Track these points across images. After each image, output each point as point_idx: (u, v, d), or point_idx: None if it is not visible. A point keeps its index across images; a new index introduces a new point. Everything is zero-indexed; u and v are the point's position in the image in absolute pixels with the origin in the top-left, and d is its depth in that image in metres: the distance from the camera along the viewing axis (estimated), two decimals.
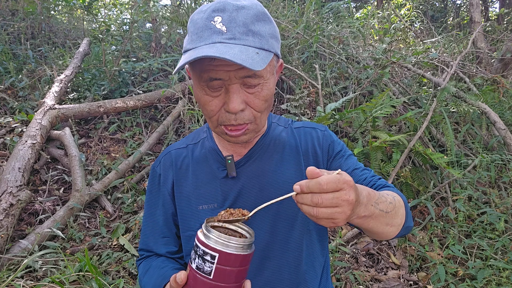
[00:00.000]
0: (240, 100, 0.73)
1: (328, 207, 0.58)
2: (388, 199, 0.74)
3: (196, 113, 3.04)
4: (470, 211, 2.49)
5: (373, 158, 2.60)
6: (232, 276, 0.62)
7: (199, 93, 0.77)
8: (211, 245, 0.61)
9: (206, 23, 0.70)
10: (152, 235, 0.94)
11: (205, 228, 0.64)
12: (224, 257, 0.61)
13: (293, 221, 0.88)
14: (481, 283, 1.99)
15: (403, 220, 0.78)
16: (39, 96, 3.68)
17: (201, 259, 0.62)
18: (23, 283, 1.79)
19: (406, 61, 3.62)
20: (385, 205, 0.72)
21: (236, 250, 0.62)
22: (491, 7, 9.35)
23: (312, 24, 4.01)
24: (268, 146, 0.91)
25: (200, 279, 0.63)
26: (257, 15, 0.72)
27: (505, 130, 3.04)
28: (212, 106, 0.76)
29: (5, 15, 4.84)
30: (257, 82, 0.74)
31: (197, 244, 0.64)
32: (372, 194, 0.70)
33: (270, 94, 0.77)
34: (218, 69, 0.70)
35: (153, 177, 0.96)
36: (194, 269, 0.64)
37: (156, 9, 4.58)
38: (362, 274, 2.15)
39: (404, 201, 0.81)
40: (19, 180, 2.49)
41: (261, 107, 0.77)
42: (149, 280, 0.86)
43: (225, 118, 0.76)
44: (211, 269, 0.61)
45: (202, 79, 0.73)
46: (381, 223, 0.72)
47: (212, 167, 0.90)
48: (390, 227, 0.75)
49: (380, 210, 0.70)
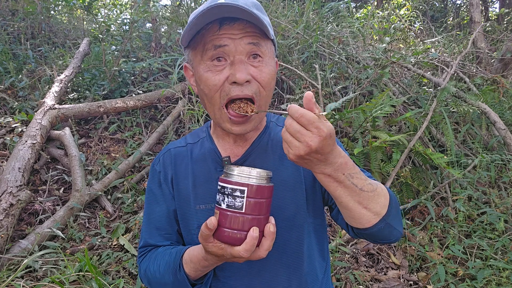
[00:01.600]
0: (246, 71, 0.74)
1: (290, 135, 0.62)
2: (369, 181, 0.71)
3: (196, 113, 3.04)
4: (470, 211, 2.49)
5: (373, 158, 2.60)
6: (261, 207, 0.68)
7: (202, 73, 0.77)
8: (238, 181, 0.67)
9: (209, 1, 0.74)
10: (152, 234, 0.93)
11: (228, 169, 0.70)
12: (253, 190, 0.67)
13: (291, 223, 0.87)
14: (481, 283, 1.99)
15: (383, 210, 0.72)
16: (39, 96, 3.67)
17: (231, 196, 0.67)
18: (23, 283, 1.79)
19: (406, 61, 3.61)
20: (362, 182, 0.69)
21: (260, 181, 0.68)
22: (491, 7, 9.35)
23: (312, 24, 4.01)
24: (266, 146, 0.91)
25: (232, 216, 0.67)
26: (256, 5, 0.76)
27: (505, 130, 3.04)
28: (215, 80, 0.76)
29: (5, 15, 4.84)
30: (260, 54, 0.76)
31: (223, 186, 0.69)
32: (351, 167, 0.68)
33: (272, 76, 0.79)
34: (223, 36, 0.72)
35: (153, 175, 0.96)
36: (224, 209, 0.68)
37: (156, 9, 4.58)
38: (362, 274, 2.15)
39: (393, 199, 0.77)
40: (19, 180, 2.48)
41: (266, 81, 0.78)
42: (159, 264, 0.85)
43: (230, 90, 0.76)
44: (241, 203, 0.67)
45: (206, 54, 0.75)
46: (352, 199, 0.69)
47: (209, 167, 0.90)
48: (364, 209, 0.70)
49: (353, 184, 0.68)
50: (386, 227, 0.74)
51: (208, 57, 0.75)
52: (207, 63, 0.76)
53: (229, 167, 0.70)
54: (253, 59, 0.76)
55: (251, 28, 0.74)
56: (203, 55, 0.76)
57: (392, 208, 0.75)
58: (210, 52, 0.74)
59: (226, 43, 0.73)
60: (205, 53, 0.75)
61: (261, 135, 0.91)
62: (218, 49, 0.73)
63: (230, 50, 0.74)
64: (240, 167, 0.71)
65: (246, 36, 0.73)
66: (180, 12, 4.64)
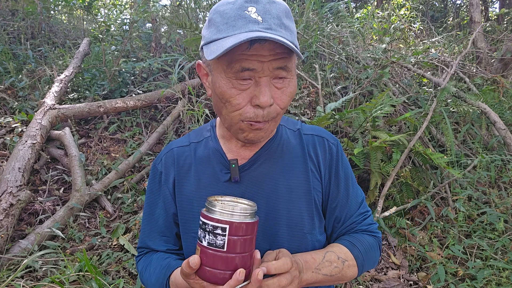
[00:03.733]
0: (270, 94, 0.71)
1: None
2: (334, 263, 0.82)
3: (196, 113, 3.04)
4: (470, 211, 2.49)
5: (373, 158, 2.60)
6: (243, 245, 0.65)
7: (224, 86, 0.73)
8: (220, 218, 0.64)
9: (239, 13, 0.69)
10: (151, 234, 0.92)
11: (210, 204, 0.66)
12: (234, 227, 0.64)
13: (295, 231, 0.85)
14: (481, 283, 1.99)
15: (355, 274, 0.85)
16: (39, 96, 3.68)
17: (212, 234, 0.64)
18: (23, 283, 1.79)
19: (406, 61, 3.62)
20: (329, 269, 0.80)
21: (243, 218, 0.65)
22: (491, 7, 9.35)
23: (311, 24, 4.01)
24: (276, 151, 0.88)
25: (213, 255, 0.64)
26: (286, 12, 0.73)
27: (505, 130, 3.04)
28: (239, 99, 0.72)
29: (5, 15, 4.84)
30: (286, 76, 0.74)
31: (204, 222, 0.65)
32: (312, 261, 0.80)
33: (294, 92, 0.77)
34: (252, 58, 0.68)
35: (154, 175, 0.94)
36: (206, 247, 0.65)
37: (156, 9, 4.58)
38: (362, 274, 2.15)
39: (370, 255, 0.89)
40: (19, 180, 2.49)
41: (286, 103, 0.76)
42: (151, 274, 0.86)
43: (253, 114, 0.73)
44: (223, 241, 0.64)
45: (231, 70, 0.70)
46: (330, 284, 0.83)
47: (215, 169, 0.87)
48: (342, 281, 0.84)
49: (323, 275, 0.79)
50: (364, 271, 0.90)
51: (233, 73, 0.71)
52: (232, 80, 0.72)
53: (211, 202, 0.66)
54: (278, 79, 0.73)
55: (281, 48, 0.70)
56: (227, 70, 0.71)
57: (365, 264, 0.88)
58: (237, 71, 0.70)
59: (254, 67, 0.69)
60: (230, 68, 0.71)
61: (272, 139, 0.88)
62: (246, 72, 0.70)
63: (257, 72, 0.70)
64: (224, 202, 0.68)
65: (276, 59, 0.70)
66: (180, 12, 4.64)
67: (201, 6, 4.61)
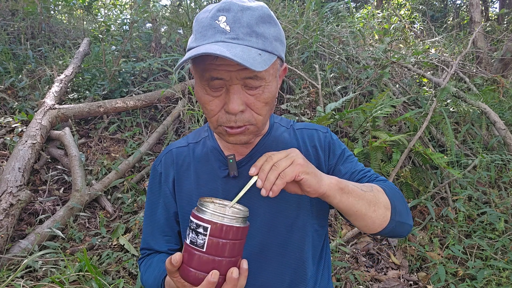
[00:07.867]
0: (240, 101, 0.72)
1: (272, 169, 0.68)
2: (361, 186, 0.78)
3: (196, 113, 3.04)
4: (470, 211, 2.49)
5: (373, 158, 2.60)
6: (224, 248, 0.62)
7: (200, 92, 0.76)
8: (203, 217, 0.62)
9: (211, 22, 0.70)
10: (153, 234, 0.94)
11: (199, 203, 0.65)
12: (216, 228, 0.61)
13: (293, 224, 0.87)
14: (481, 283, 1.99)
15: (388, 204, 0.78)
16: (39, 96, 3.67)
17: (195, 232, 0.63)
18: (23, 283, 1.79)
19: (406, 61, 3.62)
20: (357, 185, 0.77)
21: (228, 221, 0.62)
22: (491, 7, 9.35)
23: (312, 24, 4.01)
24: (271, 146, 0.90)
25: (194, 253, 0.63)
26: (262, 17, 0.71)
27: (505, 130, 3.04)
28: (212, 106, 0.75)
29: (5, 15, 4.84)
30: (258, 84, 0.73)
31: (191, 219, 0.65)
32: (341, 180, 0.76)
33: (272, 97, 0.76)
34: (220, 68, 0.70)
35: (154, 176, 0.96)
36: (188, 244, 0.64)
37: (156, 9, 4.58)
38: (362, 274, 2.15)
39: (396, 195, 0.83)
40: (19, 180, 2.49)
41: (261, 110, 0.76)
42: (150, 276, 0.87)
43: (225, 119, 0.75)
44: (203, 241, 0.62)
45: (203, 78, 0.73)
46: (363, 202, 0.75)
47: (213, 166, 0.89)
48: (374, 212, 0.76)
49: (352, 185, 0.76)
50: (398, 226, 0.80)
51: (205, 81, 0.73)
52: (205, 87, 0.74)
53: (201, 201, 0.65)
54: (250, 88, 0.73)
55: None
56: (201, 77, 0.73)
57: (396, 206, 0.80)
58: (208, 79, 0.72)
59: (223, 77, 0.70)
60: (202, 77, 0.73)
61: (265, 136, 0.91)
62: (215, 81, 0.71)
63: (227, 81, 0.71)
64: (216, 203, 0.66)
65: (243, 69, 0.69)
66: (180, 12, 4.64)
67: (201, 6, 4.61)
